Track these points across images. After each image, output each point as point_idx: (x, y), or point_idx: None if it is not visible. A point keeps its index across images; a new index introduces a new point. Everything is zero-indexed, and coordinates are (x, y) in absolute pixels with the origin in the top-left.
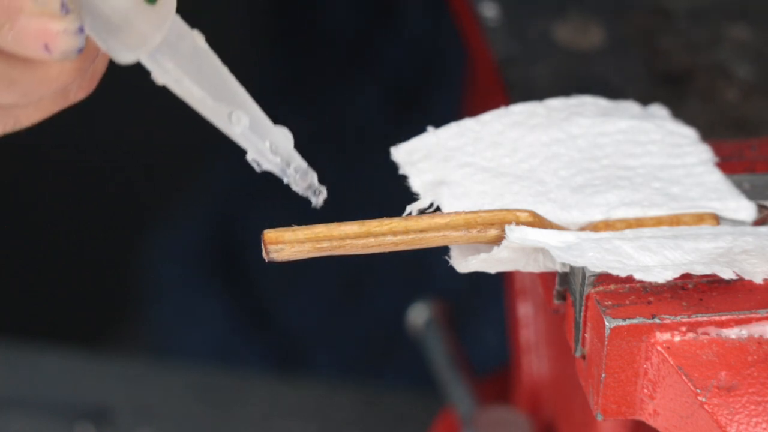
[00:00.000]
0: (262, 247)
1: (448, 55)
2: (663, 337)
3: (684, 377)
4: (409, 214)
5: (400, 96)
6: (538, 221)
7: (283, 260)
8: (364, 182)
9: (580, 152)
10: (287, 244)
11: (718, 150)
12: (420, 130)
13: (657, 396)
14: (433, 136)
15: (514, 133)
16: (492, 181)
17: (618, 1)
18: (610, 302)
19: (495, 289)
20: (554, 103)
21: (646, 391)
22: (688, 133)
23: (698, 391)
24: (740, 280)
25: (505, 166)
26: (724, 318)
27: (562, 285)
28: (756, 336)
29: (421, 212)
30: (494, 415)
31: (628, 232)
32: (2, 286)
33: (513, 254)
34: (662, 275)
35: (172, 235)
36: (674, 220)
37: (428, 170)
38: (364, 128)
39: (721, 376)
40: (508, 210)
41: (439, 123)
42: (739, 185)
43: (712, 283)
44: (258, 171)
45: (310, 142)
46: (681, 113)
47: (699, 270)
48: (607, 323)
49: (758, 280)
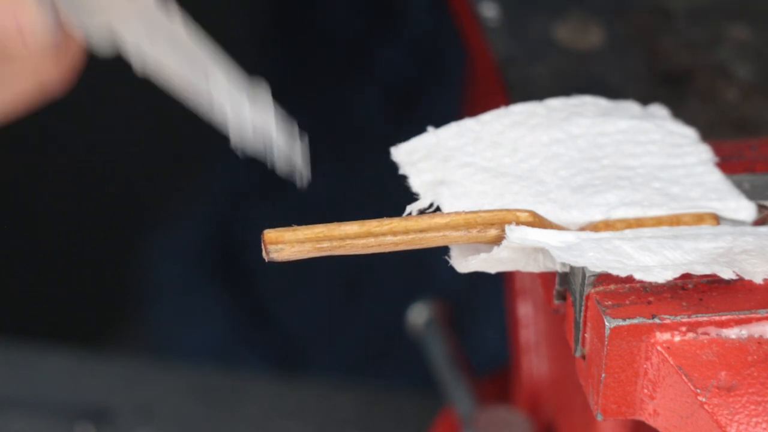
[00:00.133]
0: (262, 247)
1: (448, 54)
2: (663, 337)
3: (684, 377)
4: (409, 214)
5: (400, 96)
6: (538, 221)
7: (283, 260)
8: (364, 182)
9: (580, 152)
10: (287, 244)
11: (718, 150)
12: (420, 130)
13: (657, 396)
14: (433, 136)
15: (514, 133)
16: (492, 181)
17: (618, 1)
18: (610, 302)
19: (495, 289)
20: (554, 103)
21: (646, 391)
22: (688, 133)
23: (698, 391)
24: (740, 280)
25: (505, 166)
26: (724, 318)
27: (562, 285)
28: (756, 336)
29: (421, 212)
30: (494, 415)
31: (628, 232)
32: (2, 286)
33: (513, 254)
34: (662, 275)
35: (172, 235)
36: (674, 220)
37: (428, 170)
38: (364, 128)
39: (721, 376)
40: (508, 210)
41: (439, 123)
42: (739, 185)
43: (712, 283)
44: (244, 150)
45: (310, 142)
46: (681, 113)
47: (699, 270)
48: (607, 323)
49: (758, 280)
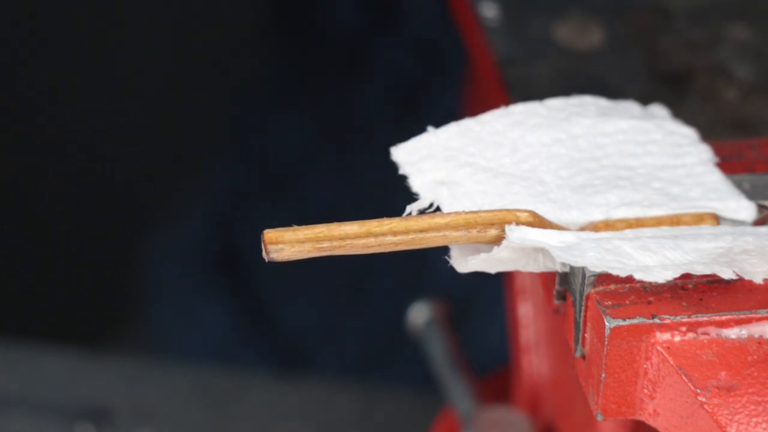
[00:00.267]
0: (262, 247)
1: (449, 52)
2: (663, 337)
3: (684, 377)
4: (409, 214)
5: (402, 94)
6: (538, 221)
7: (283, 260)
8: (366, 181)
9: (580, 152)
10: (287, 244)
11: (718, 150)
12: (422, 128)
13: (657, 396)
14: (433, 136)
15: (514, 133)
16: (492, 181)
17: (618, 1)
18: (610, 302)
19: (495, 289)
20: (554, 103)
21: (646, 391)
22: (688, 133)
23: (698, 391)
24: (740, 280)
25: (505, 166)
26: (724, 318)
27: (562, 285)
28: (756, 336)
29: (421, 212)
30: (494, 415)
31: (628, 232)
32: (2, 286)
33: (513, 254)
34: (662, 275)
35: (172, 235)
36: (674, 220)
37: (428, 170)
38: (367, 127)
39: (721, 376)
40: (508, 210)
41: (441, 121)
42: (739, 185)
43: (712, 283)
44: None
45: (311, 141)
46: (681, 113)
47: (699, 270)
48: (607, 323)
49: (758, 280)
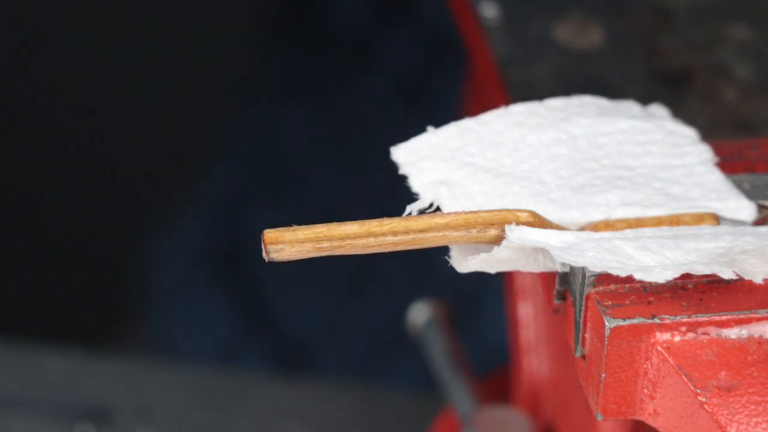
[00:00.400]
0: (262, 247)
1: (455, 44)
2: (663, 337)
3: (684, 377)
4: (409, 214)
5: (407, 87)
6: (538, 221)
7: (283, 260)
8: (369, 180)
9: (580, 152)
10: (287, 244)
11: (718, 150)
12: (428, 124)
13: (657, 396)
14: (433, 136)
15: (514, 133)
16: (492, 181)
17: (618, 1)
18: (610, 302)
19: (495, 289)
20: (554, 103)
21: (646, 391)
22: (688, 133)
23: (698, 391)
24: (740, 280)
25: (505, 166)
26: (724, 318)
27: (562, 285)
28: (756, 336)
29: (421, 212)
30: (494, 415)
31: (628, 232)
32: (2, 286)
33: (513, 254)
34: (662, 275)
35: (173, 235)
36: (674, 220)
37: (428, 170)
38: (370, 125)
39: (721, 376)
40: (508, 210)
41: (446, 115)
42: (739, 185)
43: (712, 283)
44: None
45: (313, 140)
46: (681, 113)
47: (699, 270)
48: (607, 323)
49: (758, 280)
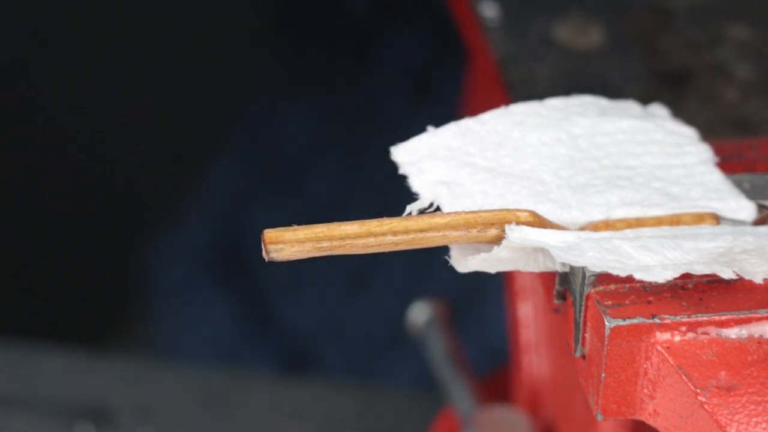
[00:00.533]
0: (262, 246)
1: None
2: (663, 337)
3: (684, 377)
4: (409, 214)
5: (413, 79)
6: (538, 221)
7: (283, 260)
8: (372, 178)
9: (580, 152)
10: (287, 243)
11: (718, 150)
12: (434, 113)
13: (657, 396)
14: (433, 136)
15: (514, 132)
16: (492, 180)
17: (618, 1)
18: (610, 302)
19: (495, 289)
20: (554, 102)
21: (646, 391)
22: (688, 133)
23: (698, 391)
24: (740, 280)
25: (505, 166)
26: (724, 318)
27: (562, 285)
28: (756, 336)
29: (421, 212)
30: (494, 415)
31: (629, 232)
32: (2, 286)
33: (513, 254)
34: (662, 275)
35: (174, 234)
36: (674, 220)
37: (428, 170)
38: (374, 122)
39: (721, 376)
40: (508, 210)
41: (452, 106)
42: (739, 185)
43: (712, 283)
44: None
45: (316, 138)
46: (681, 113)
47: (699, 270)
48: (607, 323)
49: (758, 280)
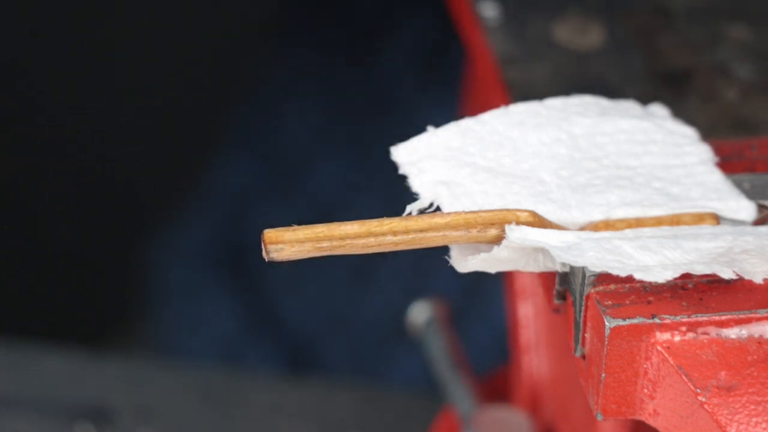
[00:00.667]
0: (262, 246)
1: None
2: (663, 336)
3: (684, 377)
4: (409, 214)
5: (424, 62)
6: (538, 221)
7: (283, 260)
8: (376, 177)
9: (580, 152)
10: (287, 243)
11: (718, 150)
12: (444, 96)
13: (657, 396)
14: (433, 136)
15: (514, 132)
16: (492, 180)
17: (618, 1)
18: (610, 302)
19: (495, 289)
20: (554, 102)
21: (646, 391)
22: (688, 133)
23: (698, 391)
24: (740, 280)
25: (505, 166)
26: (724, 318)
27: (562, 285)
28: (756, 336)
29: (421, 212)
30: (494, 415)
31: (629, 232)
32: (2, 286)
33: (513, 254)
34: (662, 275)
35: (176, 234)
36: (674, 220)
37: (428, 170)
38: (377, 120)
39: (721, 376)
40: (508, 210)
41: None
42: (739, 185)
43: (712, 282)
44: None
45: (319, 136)
46: (681, 113)
47: (699, 270)
48: (607, 323)
49: (758, 280)
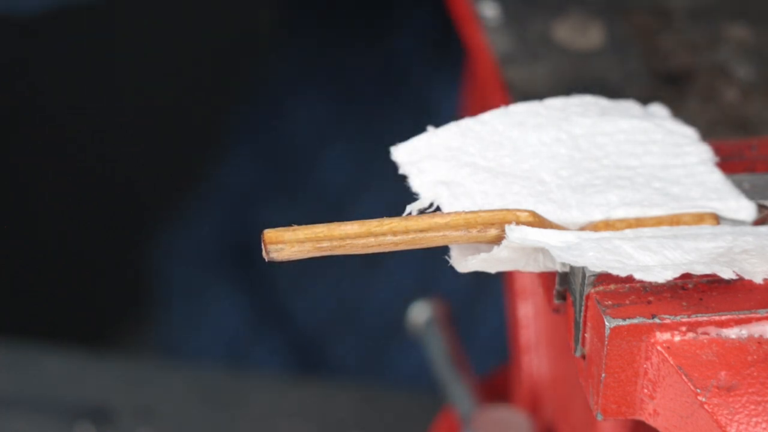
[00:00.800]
0: (262, 246)
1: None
2: (663, 336)
3: (684, 377)
4: (409, 214)
5: (433, 44)
6: (538, 221)
7: (283, 260)
8: (378, 177)
9: (580, 152)
10: (287, 243)
11: (718, 150)
12: (455, 76)
13: (657, 396)
14: (433, 136)
15: (514, 132)
16: (492, 180)
17: (618, 1)
18: (610, 302)
19: (495, 289)
20: (554, 102)
21: (646, 391)
22: (688, 133)
23: (698, 391)
24: (740, 279)
25: (505, 166)
26: (724, 318)
27: (562, 285)
28: (756, 336)
29: (421, 212)
30: (494, 415)
31: (629, 232)
32: (2, 286)
33: (513, 254)
34: (662, 275)
35: (180, 234)
36: (674, 220)
37: (428, 170)
38: (379, 118)
39: (721, 376)
40: (508, 210)
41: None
42: (739, 185)
43: (712, 282)
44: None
45: (323, 133)
46: (681, 113)
47: (699, 270)
48: (607, 323)
49: (758, 280)
